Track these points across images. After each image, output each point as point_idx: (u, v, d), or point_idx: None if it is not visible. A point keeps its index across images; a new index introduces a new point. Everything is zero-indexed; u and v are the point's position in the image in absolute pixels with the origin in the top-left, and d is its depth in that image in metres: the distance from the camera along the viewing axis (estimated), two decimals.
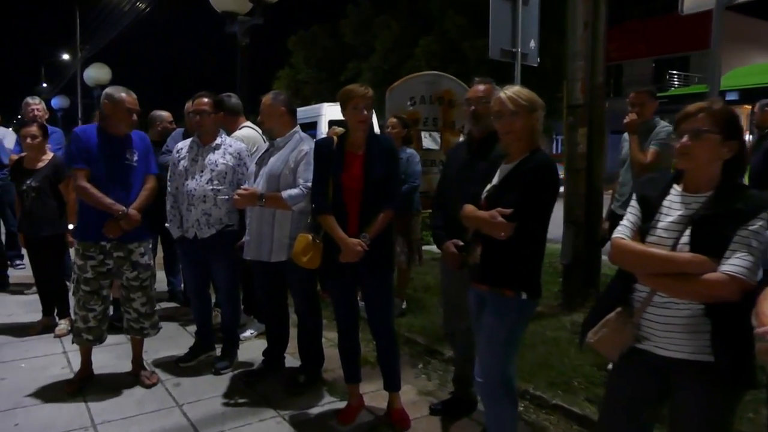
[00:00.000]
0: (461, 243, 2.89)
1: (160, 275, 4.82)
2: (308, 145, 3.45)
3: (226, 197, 3.79)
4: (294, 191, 3.36)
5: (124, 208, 3.41)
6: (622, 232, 1.93)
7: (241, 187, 3.58)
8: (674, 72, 25.95)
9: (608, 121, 5.31)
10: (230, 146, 3.90)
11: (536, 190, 2.37)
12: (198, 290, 4.08)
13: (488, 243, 2.44)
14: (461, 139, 5.82)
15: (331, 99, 16.51)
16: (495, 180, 2.55)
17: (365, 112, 3.01)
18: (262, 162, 3.53)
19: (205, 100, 3.83)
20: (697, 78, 24.32)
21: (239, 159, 3.87)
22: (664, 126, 3.87)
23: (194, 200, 3.77)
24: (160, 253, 5.33)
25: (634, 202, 2.00)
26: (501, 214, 2.35)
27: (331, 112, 12.18)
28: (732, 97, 11.94)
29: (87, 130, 3.52)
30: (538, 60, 7.34)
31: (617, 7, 22.99)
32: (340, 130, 6.27)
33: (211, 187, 3.77)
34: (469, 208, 2.53)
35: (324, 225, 3.09)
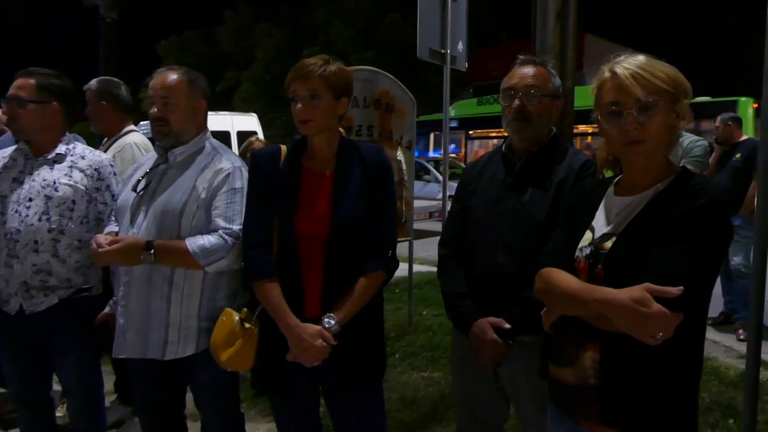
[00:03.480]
0: (507, 325, 1.71)
1: None
2: (230, 162, 2.07)
3: (77, 242, 2.29)
4: (208, 240, 1.95)
5: None
6: None
7: (107, 232, 2.12)
8: None
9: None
10: (81, 157, 2.38)
11: (712, 246, 1.24)
12: (29, 398, 2.46)
13: (616, 349, 1.27)
14: (397, 153, 4.68)
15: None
16: (601, 223, 1.40)
17: (311, 104, 1.76)
18: (146, 188, 2.08)
19: (31, 81, 2.29)
20: None
21: (98, 178, 2.37)
22: (694, 140, 3.00)
23: (18, 248, 2.22)
24: None
25: None
26: (659, 294, 1.18)
27: (239, 123, 10.47)
28: (453, 124, 13.51)
29: None
30: (466, 65, 6.51)
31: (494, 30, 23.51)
32: (258, 142, 4.87)
33: (47, 226, 2.24)
34: (569, 281, 1.34)
35: (262, 299, 1.77)
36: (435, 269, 2.04)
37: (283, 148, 1.89)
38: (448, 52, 5.80)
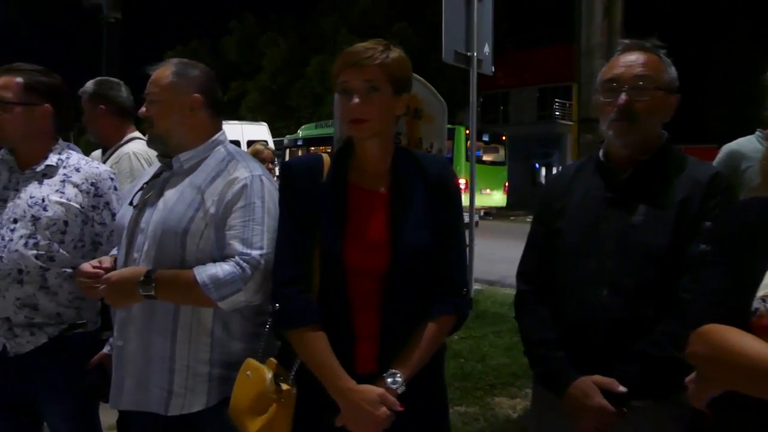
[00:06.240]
0: (621, 388, 1.32)
1: None
2: (248, 170, 1.67)
3: (70, 270, 1.91)
4: (222, 268, 1.56)
5: None
6: None
7: (98, 259, 1.75)
8: (558, 101, 26.78)
9: None
10: (76, 170, 2.01)
11: None
12: None
13: None
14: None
15: None
16: None
17: (368, 99, 1.40)
18: (145, 201, 1.70)
19: (17, 79, 1.93)
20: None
21: (95, 194, 2.00)
22: None
23: (0, 278, 1.86)
24: None
25: None
26: None
27: (250, 132, 10.19)
28: (300, 142, 16.80)
29: None
30: (493, 69, 6.23)
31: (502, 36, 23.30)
32: (268, 151, 4.50)
33: (34, 252, 1.87)
34: (756, 348, 0.96)
35: (303, 352, 1.40)
36: None
37: (325, 157, 1.52)
38: (475, 54, 5.52)
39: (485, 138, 15.92)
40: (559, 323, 1.47)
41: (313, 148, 18.27)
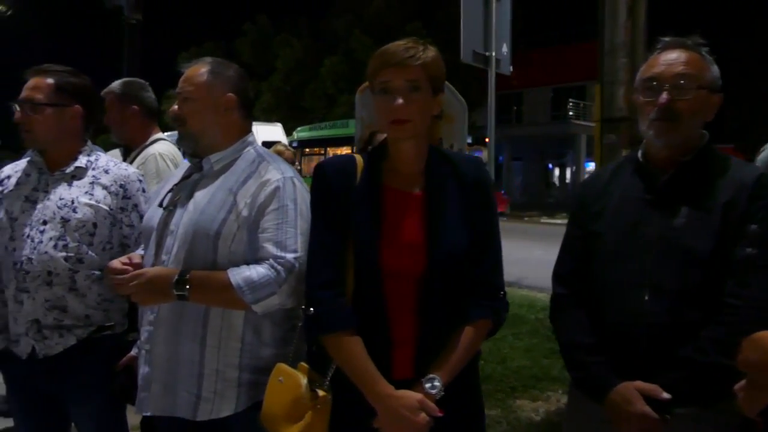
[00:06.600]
0: (665, 395, 1.29)
1: None
2: (280, 171, 1.66)
3: (99, 272, 1.91)
4: (256, 271, 1.54)
5: None
6: None
7: (127, 256, 1.74)
8: (572, 100, 26.60)
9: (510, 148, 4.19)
10: (105, 171, 2.01)
11: None
12: None
13: None
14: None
15: None
16: None
17: (411, 98, 1.37)
18: (175, 203, 1.69)
19: (48, 81, 1.93)
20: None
21: (124, 196, 2.00)
22: None
23: (29, 281, 1.86)
24: None
25: None
26: None
27: (264, 133, 10.21)
28: (294, 144, 17.53)
29: None
30: (511, 68, 6.18)
31: (516, 36, 23.08)
32: (289, 152, 4.48)
33: (63, 254, 1.87)
34: None
35: (340, 357, 1.38)
36: None
37: (358, 158, 1.50)
38: (493, 54, 5.48)
39: (468, 140, 15.90)
40: (597, 327, 1.44)
41: (307, 150, 18.78)
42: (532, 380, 4.08)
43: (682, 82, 1.40)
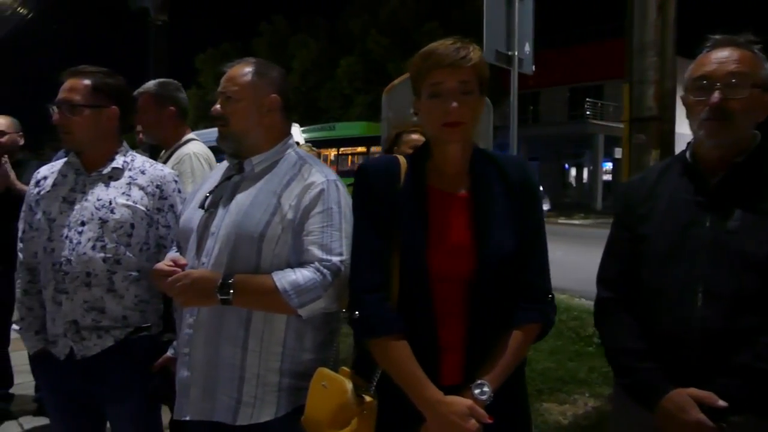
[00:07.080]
0: (722, 403, 1.26)
1: None
2: (323, 174, 1.64)
3: (136, 273, 1.92)
4: (302, 274, 1.53)
5: None
6: None
7: (170, 258, 1.73)
8: (589, 100, 26.38)
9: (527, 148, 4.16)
10: (141, 172, 2.02)
11: None
12: None
13: None
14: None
15: None
16: None
17: (464, 101, 1.35)
18: (216, 204, 1.68)
19: (85, 82, 1.93)
20: (612, 107, 24.77)
21: (160, 197, 2.00)
22: None
23: (68, 282, 1.87)
24: None
25: None
26: None
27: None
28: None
29: None
30: (533, 68, 6.11)
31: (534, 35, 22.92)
32: (312, 152, 4.46)
33: (101, 255, 1.87)
34: None
35: (387, 362, 1.36)
36: None
37: (401, 159, 1.48)
38: (516, 54, 5.42)
39: None
40: (647, 332, 1.40)
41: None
42: (558, 383, 4.03)
43: (734, 80, 1.36)
